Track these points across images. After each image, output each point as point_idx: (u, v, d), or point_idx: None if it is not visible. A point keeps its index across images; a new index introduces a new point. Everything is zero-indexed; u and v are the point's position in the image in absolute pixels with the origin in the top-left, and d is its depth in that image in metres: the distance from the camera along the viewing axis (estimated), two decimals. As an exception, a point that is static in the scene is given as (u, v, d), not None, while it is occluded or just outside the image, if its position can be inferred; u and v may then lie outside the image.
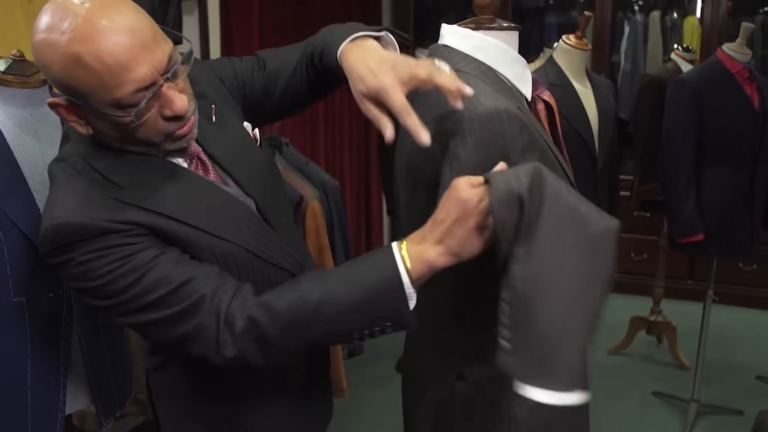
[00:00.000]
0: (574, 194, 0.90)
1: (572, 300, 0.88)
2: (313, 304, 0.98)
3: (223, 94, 1.19)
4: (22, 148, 1.43)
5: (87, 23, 0.89)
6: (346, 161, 4.09)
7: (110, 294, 0.99)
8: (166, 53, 0.95)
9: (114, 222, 0.97)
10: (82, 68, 0.90)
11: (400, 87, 0.94)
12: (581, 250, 0.88)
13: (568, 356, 0.90)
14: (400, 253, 0.97)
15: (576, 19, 4.68)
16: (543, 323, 0.88)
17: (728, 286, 3.97)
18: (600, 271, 0.89)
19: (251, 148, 1.18)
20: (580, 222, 0.88)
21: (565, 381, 0.90)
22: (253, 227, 1.11)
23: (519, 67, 1.15)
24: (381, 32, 1.07)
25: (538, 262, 0.88)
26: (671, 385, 3.24)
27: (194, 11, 2.85)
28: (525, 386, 0.91)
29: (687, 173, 2.66)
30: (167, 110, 0.97)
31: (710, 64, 2.69)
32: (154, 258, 0.99)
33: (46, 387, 1.49)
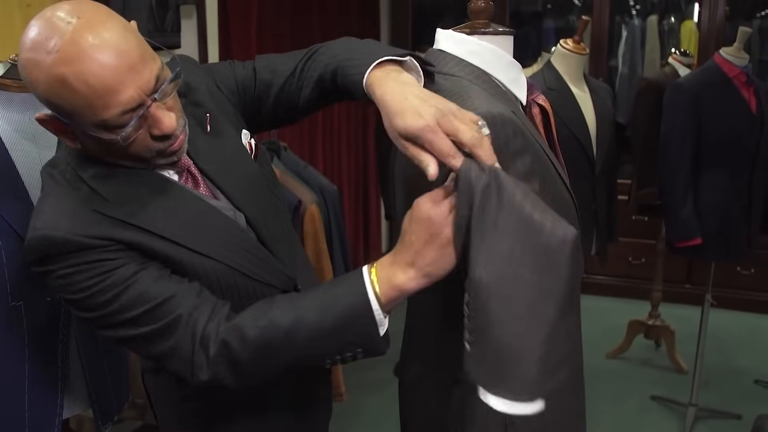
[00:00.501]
0: (532, 200, 0.86)
1: (527, 312, 0.85)
2: (284, 329, 0.97)
3: (220, 103, 1.17)
4: (20, 152, 1.43)
5: (72, 44, 0.87)
6: (344, 165, 4.09)
7: (91, 307, 1.00)
8: (154, 73, 0.93)
9: (94, 238, 0.96)
10: (68, 90, 0.89)
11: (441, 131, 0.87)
12: (535, 260, 0.85)
13: (523, 367, 0.87)
14: (369, 278, 0.95)
15: (574, 23, 4.69)
16: (499, 332, 0.86)
17: (726, 290, 3.97)
18: (555, 283, 0.85)
19: (244, 160, 1.17)
20: (533, 231, 0.85)
21: (519, 391, 0.87)
22: (240, 243, 1.09)
23: (514, 71, 1.15)
24: (405, 57, 1.00)
25: (495, 270, 0.85)
26: (669, 389, 3.24)
27: (193, 15, 2.86)
28: (482, 391, 0.89)
29: (684, 177, 2.66)
30: (155, 129, 0.96)
31: (708, 68, 2.70)
32: (133, 275, 0.99)
33: (44, 391, 1.49)
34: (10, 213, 1.37)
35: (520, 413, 0.88)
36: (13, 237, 1.37)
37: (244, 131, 1.20)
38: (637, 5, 4.65)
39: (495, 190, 0.86)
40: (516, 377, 0.87)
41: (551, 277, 0.85)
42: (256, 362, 1.00)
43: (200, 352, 0.99)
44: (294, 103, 1.18)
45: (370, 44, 1.08)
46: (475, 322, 0.88)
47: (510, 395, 0.87)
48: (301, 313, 0.98)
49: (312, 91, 1.15)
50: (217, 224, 1.07)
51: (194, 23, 2.87)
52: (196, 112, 1.12)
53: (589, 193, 2.63)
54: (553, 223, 0.85)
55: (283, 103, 1.19)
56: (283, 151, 2.58)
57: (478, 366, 0.89)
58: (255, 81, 1.20)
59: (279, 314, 0.98)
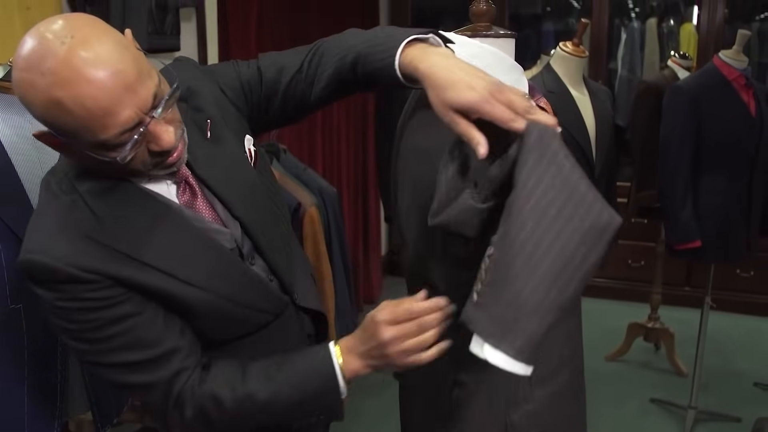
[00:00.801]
0: (587, 181, 0.89)
1: (553, 276, 0.87)
2: (260, 403, 1.06)
3: (224, 108, 1.15)
4: (19, 155, 1.43)
5: (67, 66, 0.84)
6: (343, 168, 4.09)
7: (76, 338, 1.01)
8: (151, 91, 0.91)
9: (84, 270, 0.95)
10: (64, 113, 0.87)
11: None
12: (577, 234, 0.87)
13: (534, 327, 0.89)
14: (337, 361, 1.07)
15: (573, 26, 4.70)
16: (519, 288, 0.88)
17: (726, 292, 3.97)
18: (588, 259, 0.88)
19: (244, 167, 1.15)
20: (585, 206, 0.87)
21: (522, 349, 0.89)
22: (233, 273, 1.09)
23: (515, 74, 1.15)
24: (428, 35, 1.01)
25: (531, 229, 0.87)
26: (669, 392, 3.24)
27: (192, 18, 2.86)
28: (481, 343, 0.90)
29: (684, 180, 2.67)
30: (154, 146, 0.95)
31: (707, 71, 2.70)
32: (119, 321, 0.99)
33: (43, 393, 1.48)
34: (10, 216, 1.37)
35: (513, 371, 0.90)
36: (12, 240, 1.37)
37: (247, 137, 1.17)
38: (637, 8, 4.65)
39: (556, 155, 0.87)
40: (523, 335, 0.89)
41: (583, 254, 0.87)
42: (231, 425, 1.09)
43: (174, 411, 1.05)
44: (305, 99, 1.17)
45: (385, 30, 1.08)
46: (494, 275, 0.89)
47: (512, 351, 0.89)
48: (276, 389, 1.06)
49: (326, 86, 1.14)
50: (210, 254, 1.06)
51: (194, 26, 2.87)
52: (196, 117, 1.10)
53: (589, 196, 2.62)
54: (603, 206, 0.88)
55: (292, 101, 1.18)
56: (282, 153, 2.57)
57: (485, 318, 0.90)
58: (261, 80, 1.18)
59: (258, 387, 1.06)
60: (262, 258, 1.15)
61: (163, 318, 1.03)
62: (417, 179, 1.08)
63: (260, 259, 1.15)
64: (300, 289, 1.22)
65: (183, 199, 1.07)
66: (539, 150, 0.87)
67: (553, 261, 0.87)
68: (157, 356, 1.02)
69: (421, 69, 0.94)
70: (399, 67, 0.98)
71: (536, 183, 0.87)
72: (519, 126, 0.87)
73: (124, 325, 0.99)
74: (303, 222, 2.33)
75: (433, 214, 0.96)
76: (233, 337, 1.13)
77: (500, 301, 0.89)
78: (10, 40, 1.92)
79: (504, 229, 0.89)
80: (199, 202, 1.08)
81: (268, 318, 1.15)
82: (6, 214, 1.37)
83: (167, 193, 1.06)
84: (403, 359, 1.04)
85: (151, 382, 1.03)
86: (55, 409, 1.50)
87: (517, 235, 0.87)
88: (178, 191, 1.07)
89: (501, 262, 0.88)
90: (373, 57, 1.03)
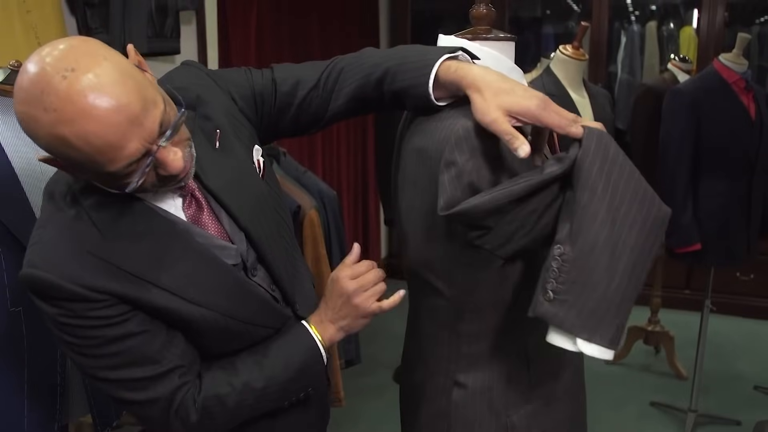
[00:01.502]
0: (638, 175, 0.96)
1: (631, 270, 0.95)
2: (258, 390, 1.11)
3: (233, 116, 1.14)
4: (20, 158, 1.43)
5: (69, 103, 0.82)
6: (343, 170, 4.09)
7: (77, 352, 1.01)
8: (157, 121, 0.89)
9: (86, 288, 0.95)
10: (70, 148, 0.85)
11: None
12: (646, 228, 0.95)
13: (622, 318, 0.97)
14: (314, 333, 1.16)
15: (573, 29, 4.70)
16: (605, 282, 0.94)
17: (726, 295, 3.97)
18: (654, 249, 0.97)
19: (251, 179, 1.14)
20: (649, 201, 0.95)
21: (610, 338, 0.96)
22: (237, 291, 1.08)
23: (515, 77, 1.15)
24: (457, 53, 1.05)
25: (609, 230, 0.94)
26: (669, 395, 3.24)
27: (192, 21, 2.86)
28: (571, 338, 0.97)
29: (684, 183, 2.67)
30: (162, 171, 0.94)
31: (707, 74, 2.70)
32: (121, 339, 0.99)
33: (43, 396, 1.48)
34: (10, 219, 1.37)
35: (605, 358, 0.97)
36: (13, 243, 1.37)
37: (256, 147, 1.16)
38: (637, 11, 4.66)
39: (616, 156, 0.95)
40: (614, 327, 0.97)
41: (650, 244, 0.96)
42: (234, 418, 1.12)
43: (176, 421, 1.06)
44: (319, 114, 1.18)
45: (412, 49, 1.11)
46: (575, 274, 0.95)
47: (605, 342, 0.96)
48: (268, 373, 1.12)
49: (345, 103, 1.15)
50: (214, 273, 1.06)
51: (194, 29, 2.88)
52: (205, 126, 1.09)
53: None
54: (658, 198, 0.97)
55: (306, 115, 1.18)
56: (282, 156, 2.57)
57: (572, 314, 0.96)
58: (275, 92, 1.17)
59: (250, 377, 1.10)
60: (266, 269, 1.15)
61: (166, 335, 1.03)
62: (417, 179, 1.09)
63: (263, 270, 1.15)
64: (301, 300, 1.22)
65: (189, 213, 1.06)
66: (602, 154, 0.93)
67: (630, 256, 0.95)
68: (159, 374, 1.02)
69: (470, 77, 0.98)
70: (433, 82, 1.02)
71: (606, 185, 0.93)
72: (577, 131, 0.94)
73: (127, 344, 0.99)
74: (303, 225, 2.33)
75: (444, 207, 0.96)
76: (231, 350, 1.13)
77: (590, 297, 0.95)
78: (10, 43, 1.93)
79: (574, 228, 0.94)
80: (205, 216, 1.07)
81: (268, 332, 1.15)
82: (6, 217, 1.37)
83: (173, 206, 1.05)
84: (367, 306, 1.15)
85: (151, 399, 1.03)
86: (55, 411, 1.50)
87: (597, 236, 0.93)
88: (184, 204, 1.06)
89: (581, 261, 0.94)
90: (405, 75, 1.06)
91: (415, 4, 4.70)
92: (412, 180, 1.11)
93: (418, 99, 1.05)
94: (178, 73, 1.16)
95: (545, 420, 1.16)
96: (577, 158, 0.93)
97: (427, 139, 1.05)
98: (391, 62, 1.09)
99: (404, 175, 1.14)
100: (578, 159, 0.93)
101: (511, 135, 0.92)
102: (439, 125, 1.03)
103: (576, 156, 0.93)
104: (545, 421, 1.16)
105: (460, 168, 0.96)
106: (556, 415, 1.18)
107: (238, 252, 1.10)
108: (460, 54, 1.05)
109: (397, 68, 1.07)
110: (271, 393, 1.12)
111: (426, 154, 1.04)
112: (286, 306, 1.19)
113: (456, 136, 0.97)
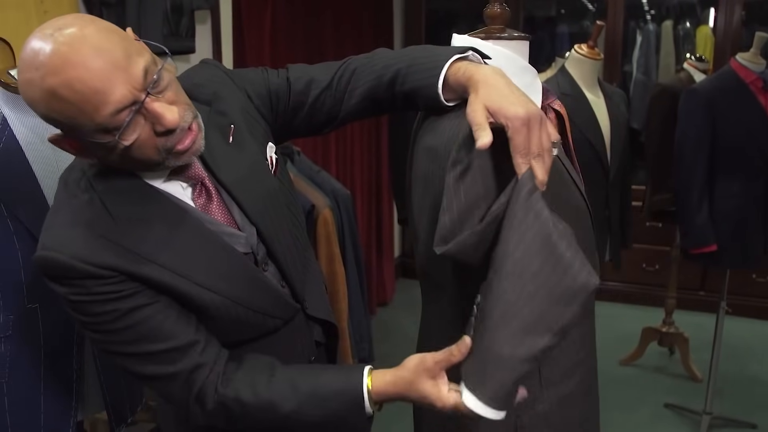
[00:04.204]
0: (568, 238, 0.91)
1: (525, 332, 0.91)
2: (283, 413, 1.05)
3: (248, 113, 1.16)
4: (36, 155, 1.44)
5: (55, 55, 0.87)
6: (357, 170, 4.10)
7: (94, 329, 1.03)
8: (141, 67, 0.91)
9: (98, 266, 0.97)
10: (60, 101, 0.88)
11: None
12: (551, 294, 0.90)
13: (504, 377, 0.93)
14: (366, 387, 1.06)
15: (588, 28, 4.68)
16: (494, 337, 0.92)
17: (741, 297, 3.94)
18: (562, 318, 0.91)
19: (263, 174, 1.15)
20: (563, 269, 0.90)
21: (493, 397, 0.94)
22: (245, 277, 1.09)
23: (529, 76, 1.15)
24: (467, 53, 1.06)
25: (511, 285, 0.91)
26: (683, 397, 3.21)
27: (207, 20, 2.88)
28: (462, 386, 0.97)
29: (699, 184, 2.65)
30: (158, 126, 0.94)
31: (723, 73, 2.68)
32: (133, 312, 1.00)
33: (59, 392, 1.50)
34: (27, 216, 1.39)
35: (485, 416, 0.95)
36: (29, 240, 1.38)
37: (269, 144, 1.18)
38: (652, 10, 4.62)
39: (539, 210, 0.91)
40: (494, 384, 0.94)
41: (556, 313, 0.91)
42: (252, 422, 1.08)
43: (195, 405, 1.06)
44: (332, 114, 1.19)
45: (423, 50, 1.11)
46: (479, 323, 0.95)
47: (484, 398, 0.94)
48: (301, 401, 1.05)
49: (358, 103, 1.17)
50: (223, 257, 1.07)
51: (209, 28, 2.89)
52: (220, 121, 1.11)
53: (603, 199, 2.62)
54: (581, 266, 0.91)
55: (319, 114, 1.19)
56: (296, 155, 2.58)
57: (468, 362, 0.96)
58: (289, 91, 1.18)
59: (283, 395, 1.05)
60: (276, 265, 1.15)
61: (178, 312, 1.04)
62: (427, 178, 1.09)
63: (273, 265, 1.15)
64: (311, 299, 1.23)
65: (198, 202, 1.07)
66: (525, 207, 0.90)
67: (526, 317, 0.91)
68: (174, 348, 1.02)
69: (474, 79, 0.98)
70: (443, 83, 1.03)
71: (518, 241, 0.90)
72: (520, 166, 0.92)
73: (139, 316, 1.00)
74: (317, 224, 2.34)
75: (439, 242, 0.97)
76: (240, 340, 1.13)
77: (480, 348, 0.94)
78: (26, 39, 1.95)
79: (489, 278, 0.94)
80: (214, 205, 1.09)
81: (277, 323, 1.16)
82: (24, 215, 1.38)
83: (183, 195, 1.07)
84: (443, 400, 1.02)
85: (169, 373, 1.03)
86: (71, 407, 1.52)
87: (498, 288, 0.92)
88: (193, 193, 1.07)
89: (485, 311, 0.93)
90: (415, 75, 1.07)
91: (429, 3, 4.70)
92: (422, 179, 1.11)
93: (428, 100, 1.06)
94: (197, 70, 1.18)
95: (557, 421, 1.15)
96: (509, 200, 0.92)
97: (437, 137, 1.05)
98: (401, 63, 1.10)
99: (415, 174, 1.14)
100: (507, 206, 0.92)
101: (478, 126, 0.91)
102: (449, 124, 1.03)
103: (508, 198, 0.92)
104: (557, 422, 1.15)
105: (465, 166, 0.97)
106: (568, 416, 1.17)
107: (247, 241, 1.11)
108: (470, 54, 1.05)
109: (407, 69, 1.08)
110: (294, 423, 1.07)
111: (435, 153, 1.04)
112: (296, 302, 1.19)
113: (463, 134, 0.97)
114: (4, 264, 1.39)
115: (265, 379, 1.06)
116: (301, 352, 1.22)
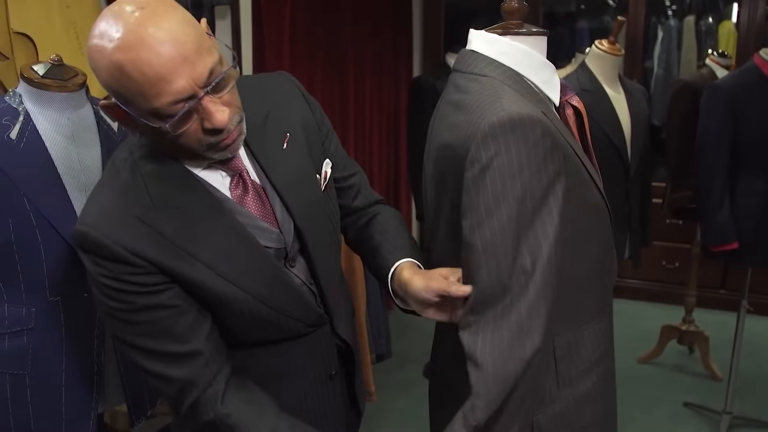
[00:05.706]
0: None
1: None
2: None
3: (311, 130, 1.22)
4: (59, 151, 1.46)
5: (132, 33, 0.89)
6: (375, 166, 4.10)
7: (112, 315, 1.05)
8: (208, 66, 0.94)
9: (129, 252, 0.99)
10: (125, 76, 0.91)
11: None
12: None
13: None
14: None
15: (609, 24, 4.64)
16: None
17: (763, 296, 3.89)
18: None
19: (310, 184, 1.19)
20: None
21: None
22: (267, 273, 1.10)
23: (547, 72, 1.14)
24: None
25: None
26: (703, 396, 3.18)
27: (227, 16, 2.89)
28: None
29: (721, 181, 2.62)
30: (207, 123, 0.97)
31: (746, 69, 2.64)
32: (151, 309, 1.02)
33: (80, 385, 1.52)
34: (50, 210, 1.40)
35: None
36: (52, 234, 1.40)
37: (327, 161, 1.23)
38: (674, 5, 4.57)
39: None
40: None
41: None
42: None
43: (188, 412, 1.08)
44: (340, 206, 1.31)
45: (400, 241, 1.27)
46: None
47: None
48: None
49: (349, 226, 1.36)
50: (247, 251, 1.08)
51: (228, 24, 2.91)
52: (278, 127, 1.16)
53: (623, 196, 2.60)
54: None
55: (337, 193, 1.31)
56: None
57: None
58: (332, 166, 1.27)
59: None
60: (307, 262, 1.18)
61: (195, 316, 1.06)
62: (442, 175, 1.09)
63: (303, 262, 1.18)
64: (338, 316, 1.24)
65: (235, 193, 1.10)
66: None
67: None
68: (179, 353, 1.05)
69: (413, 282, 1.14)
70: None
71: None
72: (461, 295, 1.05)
73: (156, 314, 1.03)
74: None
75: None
76: (262, 340, 1.15)
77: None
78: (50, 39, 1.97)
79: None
80: (250, 198, 1.11)
81: (299, 327, 1.16)
82: (46, 208, 1.40)
83: (221, 184, 1.09)
84: None
85: (169, 376, 1.05)
86: (91, 399, 1.54)
87: None
88: (231, 184, 1.10)
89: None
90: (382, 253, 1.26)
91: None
92: (437, 177, 1.11)
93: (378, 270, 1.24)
94: (271, 77, 1.24)
95: (573, 420, 1.15)
96: None
97: (454, 134, 1.05)
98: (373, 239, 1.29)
99: (431, 172, 1.14)
100: None
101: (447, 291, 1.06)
102: (465, 120, 1.03)
103: None
104: (573, 421, 1.15)
105: (483, 165, 0.96)
106: (585, 415, 1.16)
107: (281, 237, 1.13)
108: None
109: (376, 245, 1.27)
110: None
111: (451, 150, 1.04)
112: (321, 310, 1.20)
113: (482, 132, 0.96)
114: (26, 257, 1.41)
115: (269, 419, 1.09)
116: (322, 364, 1.23)
